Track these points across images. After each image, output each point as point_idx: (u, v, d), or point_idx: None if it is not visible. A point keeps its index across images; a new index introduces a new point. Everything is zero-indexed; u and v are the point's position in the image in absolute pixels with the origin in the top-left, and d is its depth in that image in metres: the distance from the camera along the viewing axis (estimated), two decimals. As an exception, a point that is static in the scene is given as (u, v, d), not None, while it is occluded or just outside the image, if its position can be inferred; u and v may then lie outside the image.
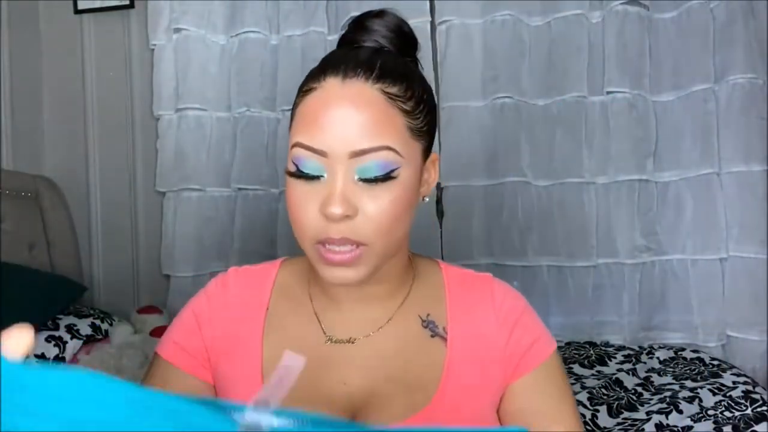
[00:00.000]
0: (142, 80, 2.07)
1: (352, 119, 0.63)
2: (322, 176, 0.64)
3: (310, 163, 0.64)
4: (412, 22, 0.77)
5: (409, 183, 0.66)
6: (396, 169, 0.64)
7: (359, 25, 0.72)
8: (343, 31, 0.73)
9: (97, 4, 2.06)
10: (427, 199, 0.72)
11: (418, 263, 0.76)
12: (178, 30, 1.97)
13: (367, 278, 0.64)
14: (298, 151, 0.64)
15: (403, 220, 0.66)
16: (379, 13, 0.72)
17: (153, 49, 2.01)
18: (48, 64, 2.13)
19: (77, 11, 2.08)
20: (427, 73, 2.06)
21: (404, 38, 0.72)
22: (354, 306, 0.71)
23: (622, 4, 1.84)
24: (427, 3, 1.88)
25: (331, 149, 0.63)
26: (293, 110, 0.70)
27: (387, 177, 0.64)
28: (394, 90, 0.65)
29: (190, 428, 0.39)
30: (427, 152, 0.70)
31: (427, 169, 0.71)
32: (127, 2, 2.05)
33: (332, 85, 0.65)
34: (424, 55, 1.89)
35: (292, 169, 0.65)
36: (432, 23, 1.89)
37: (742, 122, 1.79)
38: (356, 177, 0.63)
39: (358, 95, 0.64)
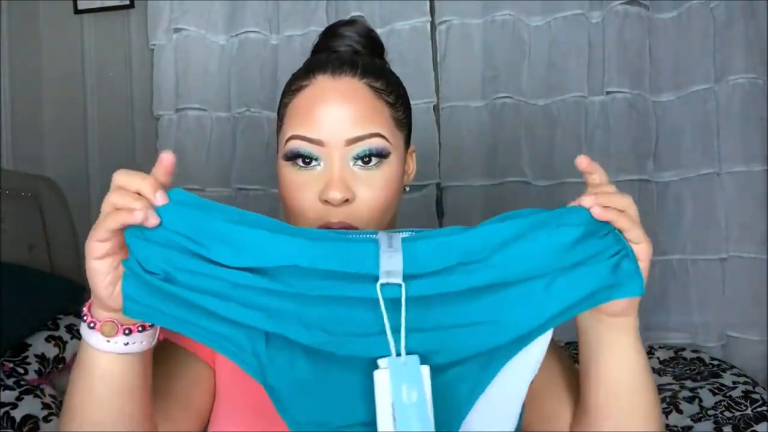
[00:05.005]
0: (142, 80, 2.07)
1: (345, 110, 0.68)
2: (318, 165, 0.68)
3: (307, 153, 0.69)
4: (412, 22, 0.80)
5: (397, 168, 0.71)
6: (388, 153, 0.69)
7: (332, 32, 0.78)
8: (317, 41, 0.79)
9: (97, 4, 2.06)
10: (408, 189, 0.78)
11: None
12: (178, 30, 1.97)
13: None
14: (296, 143, 0.69)
15: (393, 205, 0.71)
16: (350, 22, 0.78)
17: (153, 49, 2.01)
18: (48, 64, 2.13)
19: (77, 11, 2.08)
20: (427, 73, 2.07)
21: (374, 42, 0.78)
22: None
23: (622, 4, 1.84)
24: (427, 3, 1.87)
25: (328, 138, 0.68)
26: (281, 110, 0.74)
27: (380, 160, 0.69)
28: (378, 84, 0.71)
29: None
30: (407, 143, 0.76)
31: (408, 160, 0.78)
32: (127, 2, 2.05)
33: (323, 81, 0.70)
34: (424, 55, 1.90)
35: (291, 156, 0.69)
36: (432, 23, 1.89)
37: (742, 122, 1.79)
38: (352, 162, 0.68)
39: (348, 89, 0.69)
